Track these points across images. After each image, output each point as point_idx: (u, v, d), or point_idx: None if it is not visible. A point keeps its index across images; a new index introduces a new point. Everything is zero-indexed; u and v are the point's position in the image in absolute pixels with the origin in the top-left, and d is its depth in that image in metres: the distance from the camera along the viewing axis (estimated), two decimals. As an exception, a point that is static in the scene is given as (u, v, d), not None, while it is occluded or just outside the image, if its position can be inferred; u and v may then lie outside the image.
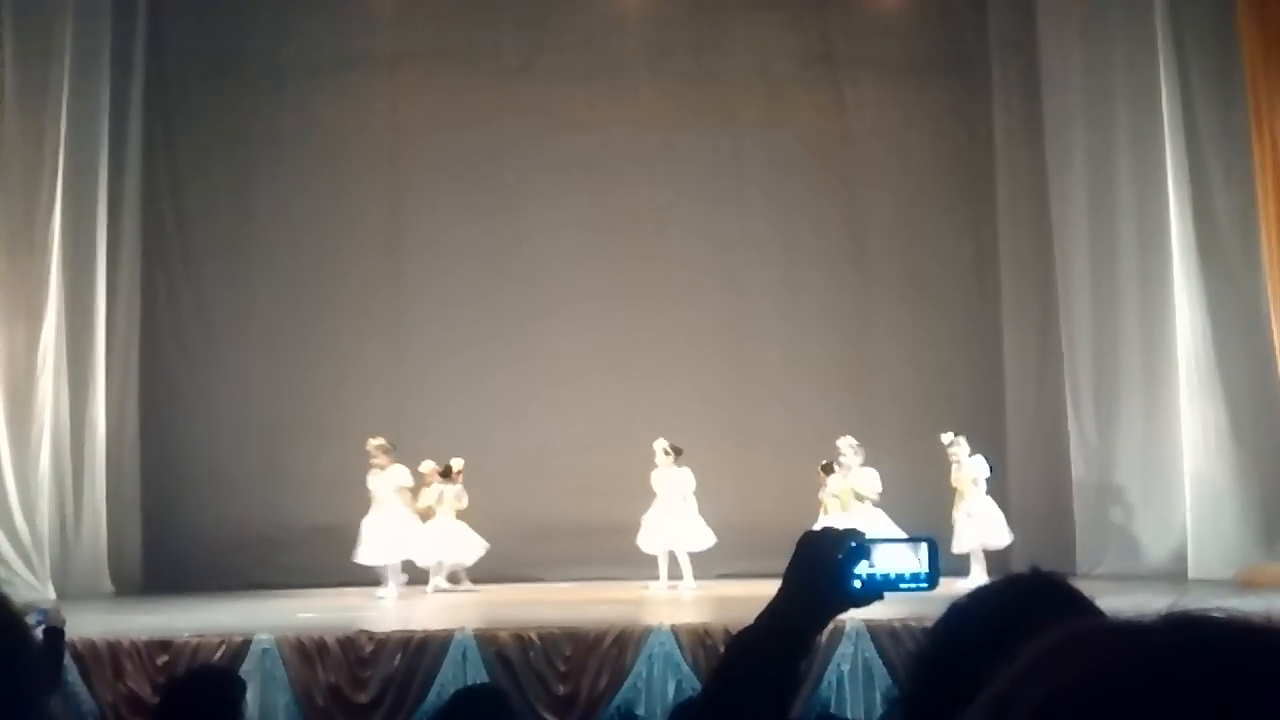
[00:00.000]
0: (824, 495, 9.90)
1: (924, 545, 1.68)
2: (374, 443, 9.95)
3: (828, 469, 9.91)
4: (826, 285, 11.89)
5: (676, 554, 9.91)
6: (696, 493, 10.01)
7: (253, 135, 11.73)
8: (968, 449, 9.66)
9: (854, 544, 1.61)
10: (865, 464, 9.82)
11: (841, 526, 1.67)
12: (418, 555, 10.00)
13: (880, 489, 9.63)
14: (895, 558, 1.66)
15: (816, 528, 1.65)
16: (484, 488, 11.30)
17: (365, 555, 9.82)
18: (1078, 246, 10.75)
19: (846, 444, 9.78)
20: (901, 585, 1.65)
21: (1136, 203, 10.49)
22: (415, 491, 10.18)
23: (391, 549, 9.81)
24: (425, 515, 10.22)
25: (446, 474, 10.33)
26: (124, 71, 11.11)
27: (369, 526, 9.82)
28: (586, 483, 10.75)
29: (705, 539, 9.88)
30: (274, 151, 11.71)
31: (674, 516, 9.86)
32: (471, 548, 10.21)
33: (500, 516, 10.99)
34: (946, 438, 9.71)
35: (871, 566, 1.63)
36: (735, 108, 11.96)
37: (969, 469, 9.61)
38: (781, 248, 11.90)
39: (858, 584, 1.61)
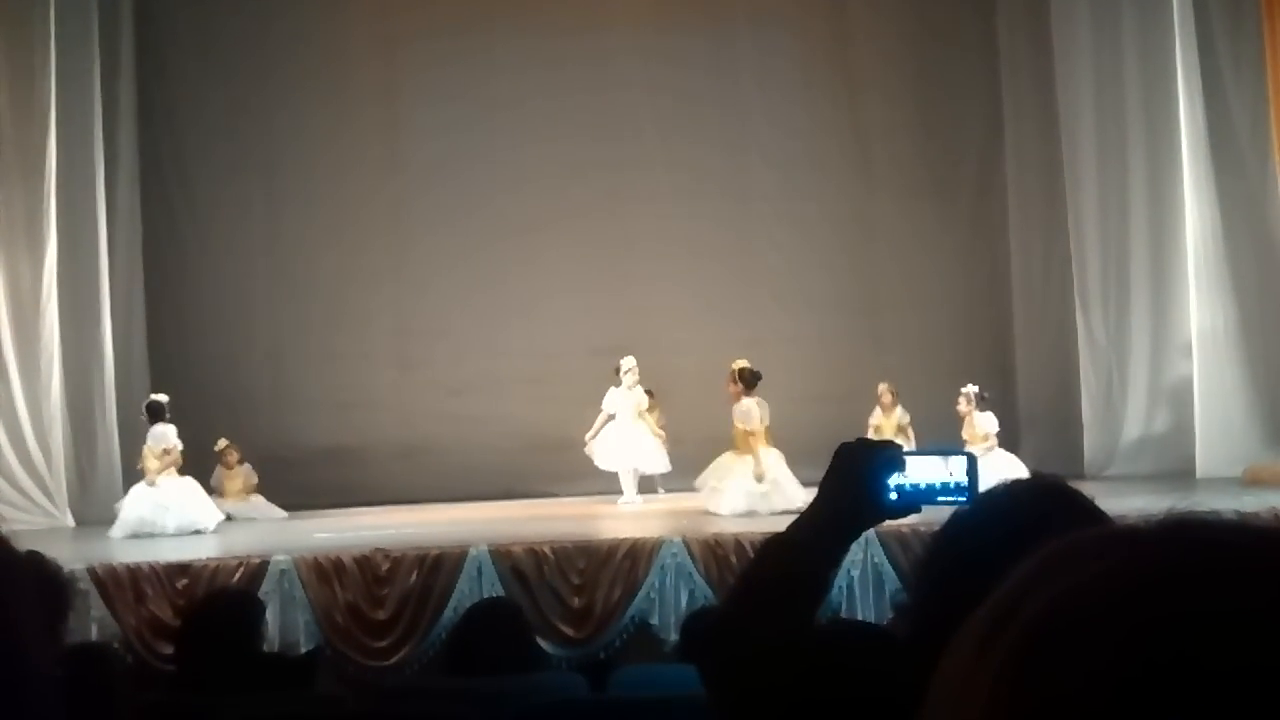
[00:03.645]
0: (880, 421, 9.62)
1: (962, 459, 1.66)
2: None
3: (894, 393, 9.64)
4: (828, 189, 11.75)
5: (636, 470, 9.85)
6: (697, 404, 10.02)
7: (244, 47, 11.53)
8: (975, 404, 9.24)
9: (889, 456, 1.60)
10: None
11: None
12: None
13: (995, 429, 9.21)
14: (932, 471, 1.64)
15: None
16: (490, 403, 11.37)
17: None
18: (1085, 144, 10.60)
19: (970, 391, 9.29)
20: (939, 499, 1.64)
21: (1145, 97, 10.31)
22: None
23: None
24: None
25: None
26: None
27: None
28: (594, 394, 10.79)
29: (662, 462, 9.85)
30: (266, 65, 11.52)
31: (633, 435, 9.82)
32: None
33: (508, 433, 11.06)
34: (967, 389, 9.30)
35: (908, 479, 1.62)
36: (731, 5, 11.73)
37: (978, 424, 9.22)
38: (782, 151, 11.73)
39: (894, 496, 1.60)
